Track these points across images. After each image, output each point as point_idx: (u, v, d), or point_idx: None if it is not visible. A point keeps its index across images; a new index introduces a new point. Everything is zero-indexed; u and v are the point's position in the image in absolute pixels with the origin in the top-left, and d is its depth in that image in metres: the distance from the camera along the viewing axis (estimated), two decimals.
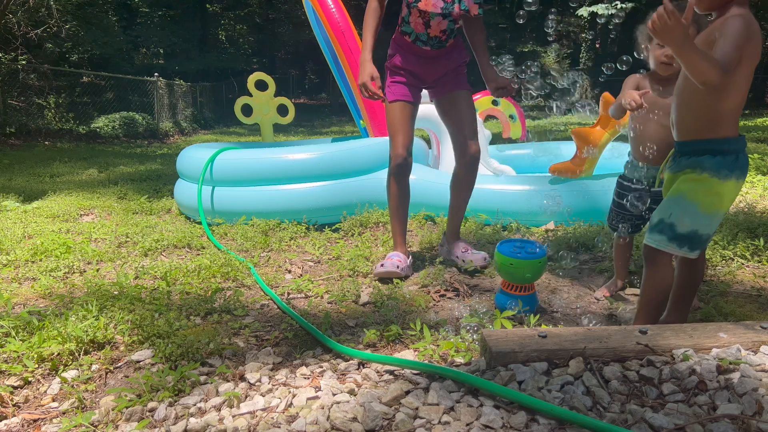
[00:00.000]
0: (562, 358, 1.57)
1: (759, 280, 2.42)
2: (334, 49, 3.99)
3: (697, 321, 1.99)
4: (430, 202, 3.61)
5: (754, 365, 1.52)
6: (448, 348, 1.70)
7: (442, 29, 2.46)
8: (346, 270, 2.60)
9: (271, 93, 5.30)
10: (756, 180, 4.73)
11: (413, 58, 2.55)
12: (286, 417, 1.37)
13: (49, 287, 2.38)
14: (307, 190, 3.55)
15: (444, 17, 2.43)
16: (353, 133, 11.01)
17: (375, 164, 3.77)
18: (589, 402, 1.40)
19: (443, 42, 2.50)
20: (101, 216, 3.96)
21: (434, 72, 2.57)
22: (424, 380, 1.51)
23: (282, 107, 5.37)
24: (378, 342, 1.82)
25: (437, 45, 2.50)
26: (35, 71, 10.62)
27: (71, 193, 4.78)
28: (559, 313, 2.14)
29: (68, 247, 2.96)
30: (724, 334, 1.67)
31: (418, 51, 2.53)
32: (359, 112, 4.25)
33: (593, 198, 3.33)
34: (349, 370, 1.61)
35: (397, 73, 2.58)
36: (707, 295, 2.24)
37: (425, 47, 2.51)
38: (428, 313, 2.11)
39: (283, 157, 3.65)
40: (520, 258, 2.02)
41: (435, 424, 1.31)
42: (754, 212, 3.39)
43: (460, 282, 2.42)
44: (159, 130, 12.90)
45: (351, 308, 2.15)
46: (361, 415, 1.33)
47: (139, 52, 20.58)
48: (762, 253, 2.67)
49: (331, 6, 3.84)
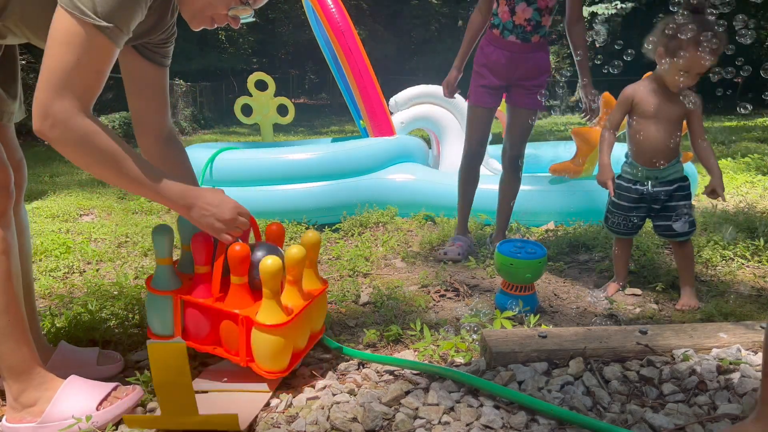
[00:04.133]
0: (562, 358, 1.57)
1: (759, 280, 2.42)
2: (334, 49, 3.99)
3: (697, 321, 1.99)
4: (430, 202, 3.61)
5: (754, 365, 1.52)
6: (448, 348, 1.70)
7: (526, 18, 2.56)
8: (346, 270, 2.60)
9: (271, 93, 5.30)
10: (756, 180, 4.73)
11: (498, 52, 2.65)
12: (286, 417, 1.37)
13: (48, 287, 2.38)
14: (307, 190, 3.55)
15: (528, 3, 2.53)
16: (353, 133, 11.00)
17: (375, 164, 3.77)
18: (589, 402, 1.40)
19: (528, 34, 2.59)
20: (101, 216, 3.96)
21: (514, 70, 2.65)
22: (424, 380, 1.50)
23: (282, 107, 5.37)
24: (378, 342, 1.82)
25: (522, 36, 2.59)
26: (35, 71, 10.62)
27: (71, 193, 4.78)
28: (559, 313, 2.14)
29: (68, 247, 2.95)
30: (724, 335, 1.67)
31: (504, 44, 2.63)
32: (359, 112, 4.25)
33: (593, 198, 3.33)
34: (349, 370, 1.61)
35: (480, 74, 2.72)
36: (707, 295, 2.24)
37: (510, 37, 2.61)
38: (428, 313, 2.11)
39: (283, 157, 3.65)
40: (520, 258, 2.02)
41: (435, 424, 1.31)
42: (754, 212, 3.39)
43: (460, 282, 2.42)
44: None
45: (351, 308, 2.15)
46: (361, 416, 1.33)
47: None
48: (762, 253, 2.67)
49: (330, 6, 3.83)
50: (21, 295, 1.34)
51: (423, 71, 20.90)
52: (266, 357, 1.43)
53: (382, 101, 4.08)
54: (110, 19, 1.19)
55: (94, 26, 1.18)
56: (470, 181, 2.90)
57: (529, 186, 3.46)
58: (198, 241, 1.51)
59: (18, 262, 1.34)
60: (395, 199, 3.66)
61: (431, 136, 5.00)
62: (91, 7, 1.16)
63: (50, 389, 1.35)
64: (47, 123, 1.20)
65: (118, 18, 1.20)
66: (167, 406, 1.27)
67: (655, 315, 2.07)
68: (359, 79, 3.94)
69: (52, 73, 1.19)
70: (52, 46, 1.19)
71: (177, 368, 1.24)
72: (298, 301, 1.51)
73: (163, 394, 1.26)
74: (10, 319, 1.30)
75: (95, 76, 1.24)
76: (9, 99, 1.46)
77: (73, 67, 1.19)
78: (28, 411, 1.33)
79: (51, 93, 1.19)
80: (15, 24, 1.30)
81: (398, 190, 3.68)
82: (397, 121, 4.54)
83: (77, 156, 1.25)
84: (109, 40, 1.21)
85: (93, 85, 1.25)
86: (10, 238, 1.31)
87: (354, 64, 3.90)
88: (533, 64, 2.64)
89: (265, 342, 1.41)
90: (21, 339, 1.32)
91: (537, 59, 2.65)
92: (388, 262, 2.78)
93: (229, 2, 1.37)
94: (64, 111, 1.20)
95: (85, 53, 1.19)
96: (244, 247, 1.44)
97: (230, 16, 1.40)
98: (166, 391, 1.26)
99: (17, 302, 1.31)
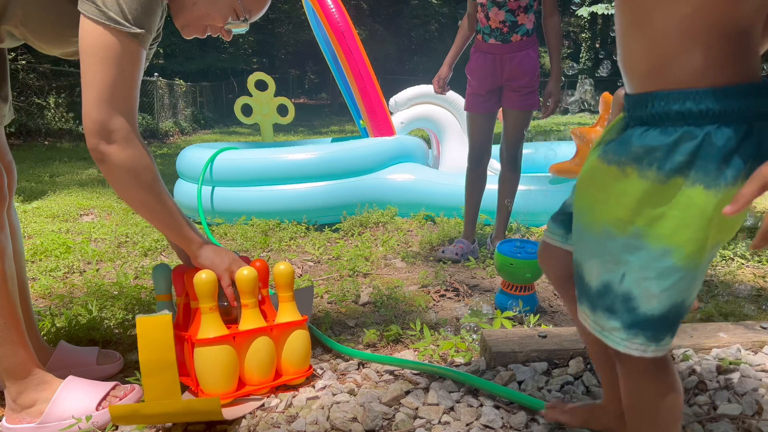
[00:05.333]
0: (562, 358, 1.57)
1: (759, 280, 2.42)
2: (334, 49, 3.99)
3: (697, 321, 1.99)
4: (430, 202, 3.61)
5: (754, 365, 1.52)
6: (448, 348, 1.70)
7: (500, 20, 2.59)
8: (346, 270, 2.60)
9: (271, 93, 5.30)
10: None
11: (483, 56, 2.70)
12: (286, 417, 1.37)
13: (48, 287, 2.38)
14: (307, 190, 3.55)
15: (499, 7, 2.58)
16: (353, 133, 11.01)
17: (375, 164, 3.77)
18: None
19: (506, 35, 2.61)
20: (101, 216, 3.96)
21: (501, 72, 2.66)
22: (424, 380, 1.50)
23: (282, 107, 5.37)
24: (378, 342, 1.82)
25: (501, 37, 2.63)
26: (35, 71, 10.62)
27: (71, 193, 4.78)
28: (559, 313, 2.14)
29: (68, 247, 2.96)
30: (724, 334, 1.67)
31: (487, 47, 2.68)
32: (359, 112, 4.25)
33: None
34: (349, 370, 1.61)
35: (469, 82, 2.77)
36: (707, 295, 2.24)
37: (491, 39, 2.65)
38: (428, 313, 2.11)
39: (283, 157, 3.65)
40: (520, 258, 2.02)
41: (435, 424, 1.31)
42: (754, 212, 3.39)
43: (460, 282, 2.42)
44: (159, 130, 12.90)
45: (351, 308, 2.15)
46: (361, 415, 1.33)
47: None
48: (762, 253, 2.67)
49: (330, 6, 3.84)
50: (17, 296, 1.34)
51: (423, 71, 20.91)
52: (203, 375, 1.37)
53: (382, 101, 4.08)
54: (141, 24, 1.19)
55: (129, 34, 1.18)
56: (475, 184, 2.91)
57: (529, 186, 3.46)
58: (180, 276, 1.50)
59: (12, 263, 1.34)
60: (395, 199, 3.67)
61: (431, 136, 5.00)
62: (123, 16, 1.16)
63: (49, 390, 1.35)
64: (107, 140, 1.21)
65: (147, 23, 1.21)
66: (150, 385, 1.26)
67: None
68: (359, 79, 3.94)
69: (100, 90, 1.19)
70: (92, 63, 1.19)
71: (163, 343, 1.25)
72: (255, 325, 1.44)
73: (147, 372, 1.26)
74: (6, 321, 1.30)
75: (135, 85, 1.25)
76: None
77: (118, 81, 1.20)
78: (27, 412, 1.33)
79: (106, 109, 1.20)
80: (15, 26, 1.30)
81: (398, 190, 3.68)
82: (397, 121, 4.54)
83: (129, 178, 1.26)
84: (141, 45, 1.22)
85: (136, 97, 1.27)
86: (4, 240, 1.31)
87: (354, 64, 3.90)
88: (517, 63, 2.63)
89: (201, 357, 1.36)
90: (18, 340, 1.32)
91: (521, 58, 2.63)
92: (388, 262, 2.79)
93: (226, 16, 1.37)
94: (125, 129, 1.22)
95: (126, 63, 1.20)
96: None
97: (225, 29, 1.40)
98: (151, 369, 1.26)
99: (13, 304, 1.31)
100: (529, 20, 2.61)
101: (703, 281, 0.85)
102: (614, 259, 0.86)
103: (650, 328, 0.85)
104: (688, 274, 0.81)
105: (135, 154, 1.25)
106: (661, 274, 0.82)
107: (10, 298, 1.31)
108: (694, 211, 0.78)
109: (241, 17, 1.38)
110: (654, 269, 0.82)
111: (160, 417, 1.28)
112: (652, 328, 0.85)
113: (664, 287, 0.82)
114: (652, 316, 0.84)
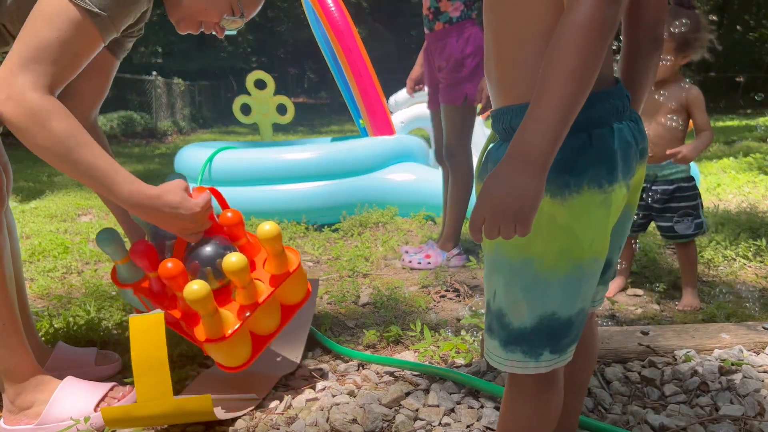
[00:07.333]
0: None
1: (761, 280, 2.41)
2: (334, 48, 3.98)
3: (699, 322, 1.98)
4: (430, 202, 3.60)
5: (756, 366, 1.52)
6: (448, 349, 1.70)
7: (427, 6, 2.57)
8: (346, 270, 2.59)
9: (270, 92, 5.28)
10: (758, 180, 4.71)
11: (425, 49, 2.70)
12: (285, 418, 1.36)
13: (46, 287, 2.37)
14: (306, 190, 3.54)
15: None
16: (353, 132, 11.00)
17: (375, 164, 3.76)
18: (590, 403, 1.39)
19: (431, 23, 2.58)
20: (99, 216, 3.95)
21: (432, 64, 2.63)
22: (424, 381, 1.50)
23: (281, 106, 5.35)
24: (378, 343, 1.81)
25: (428, 25, 2.61)
26: None
27: (69, 193, 4.76)
28: None
29: (66, 248, 2.94)
30: (726, 335, 1.66)
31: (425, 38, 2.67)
32: (359, 112, 4.24)
33: None
34: (349, 372, 1.60)
35: None
36: (709, 296, 2.23)
37: (425, 29, 2.64)
38: (428, 313, 2.10)
39: (283, 157, 3.64)
40: None
41: (435, 425, 1.30)
42: (757, 212, 3.38)
43: (460, 282, 2.41)
44: (157, 130, 12.89)
45: (351, 309, 2.14)
46: (360, 417, 1.32)
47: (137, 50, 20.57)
48: (764, 254, 2.66)
49: (330, 5, 3.82)
50: (15, 297, 1.32)
51: None
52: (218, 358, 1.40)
53: (381, 100, 4.07)
54: (104, 8, 1.15)
55: (86, 10, 1.13)
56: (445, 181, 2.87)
57: None
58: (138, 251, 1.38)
59: (11, 265, 1.33)
60: (395, 199, 3.65)
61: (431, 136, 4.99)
62: None
63: (46, 391, 1.34)
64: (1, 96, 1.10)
65: (113, 10, 1.16)
66: (142, 385, 1.24)
67: (656, 316, 2.06)
68: (359, 78, 3.93)
69: (24, 46, 1.11)
70: (32, 21, 1.13)
71: (155, 341, 1.24)
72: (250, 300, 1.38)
73: (139, 371, 1.24)
74: (4, 323, 1.29)
75: (71, 59, 1.16)
76: None
77: (49, 44, 1.12)
78: (25, 413, 1.32)
79: (16, 65, 1.11)
80: (11, 22, 1.29)
81: (398, 189, 3.67)
82: (397, 121, 4.53)
83: (27, 136, 1.12)
84: (97, 29, 1.16)
85: (66, 67, 1.16)
86: (3, 242, 1.30)
87: (354, 64, 3.89)
88: (440, 52, 2.53)
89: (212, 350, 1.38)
90: (15, 342, 1.31)
91: (443, 47, 2.51)
92: (388, 262, 2.78)
93: (222, 12, 1.36)
94: (22, 84, 1.10)
95: (68, 33, 1.12)
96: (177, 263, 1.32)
97: (219, 26, 1.39)
98: (143, 368, 1.24)
99: (11, 305, 1.30)
100: (454, 8, 2.47)
101: (586, 293, 0.84)
102: (487, 277, 0.88)
103: (525, 342, 0.84)
104: (552, 284, 0.81)
105: (27, 111, 1.10)
106: (525, 286, 0.82)
107: (9, 299, 1.30)
108: (543, 220, 0.78)
109: (237, 13, 1.37)
110: (518, 283, 0.83)
111: (152, 419, 1.27)
112: (527, 342, 0.84)
113: (529, 299, 0.82)
114: (525, 330, 0.84)
